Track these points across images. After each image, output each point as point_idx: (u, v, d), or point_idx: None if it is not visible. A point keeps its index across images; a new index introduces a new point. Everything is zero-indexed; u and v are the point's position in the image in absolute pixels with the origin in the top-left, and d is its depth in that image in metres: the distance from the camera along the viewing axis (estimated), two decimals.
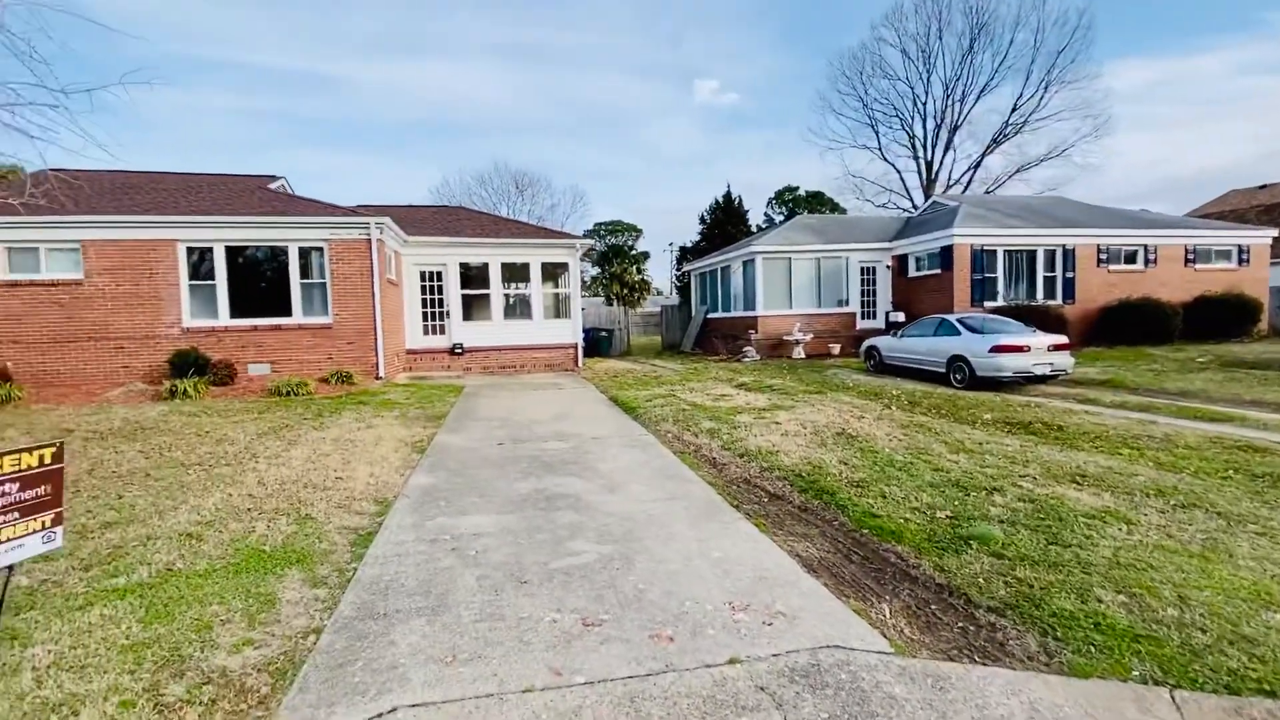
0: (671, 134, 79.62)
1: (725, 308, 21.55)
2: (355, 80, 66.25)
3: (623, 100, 73.72)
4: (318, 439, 7.28)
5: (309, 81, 66.29)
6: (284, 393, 10.67)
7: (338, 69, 65.92)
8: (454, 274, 16.18)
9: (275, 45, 62.44)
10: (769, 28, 68.95)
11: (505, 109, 70.68)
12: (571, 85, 71.03)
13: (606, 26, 66.59)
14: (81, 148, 7.98)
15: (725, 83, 77.88)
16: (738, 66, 73.66)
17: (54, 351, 11.91)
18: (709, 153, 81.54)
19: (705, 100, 77.98)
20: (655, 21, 68.06)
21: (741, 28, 68.75)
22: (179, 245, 12.35)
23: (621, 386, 12.06)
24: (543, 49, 66.58)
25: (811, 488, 5.17)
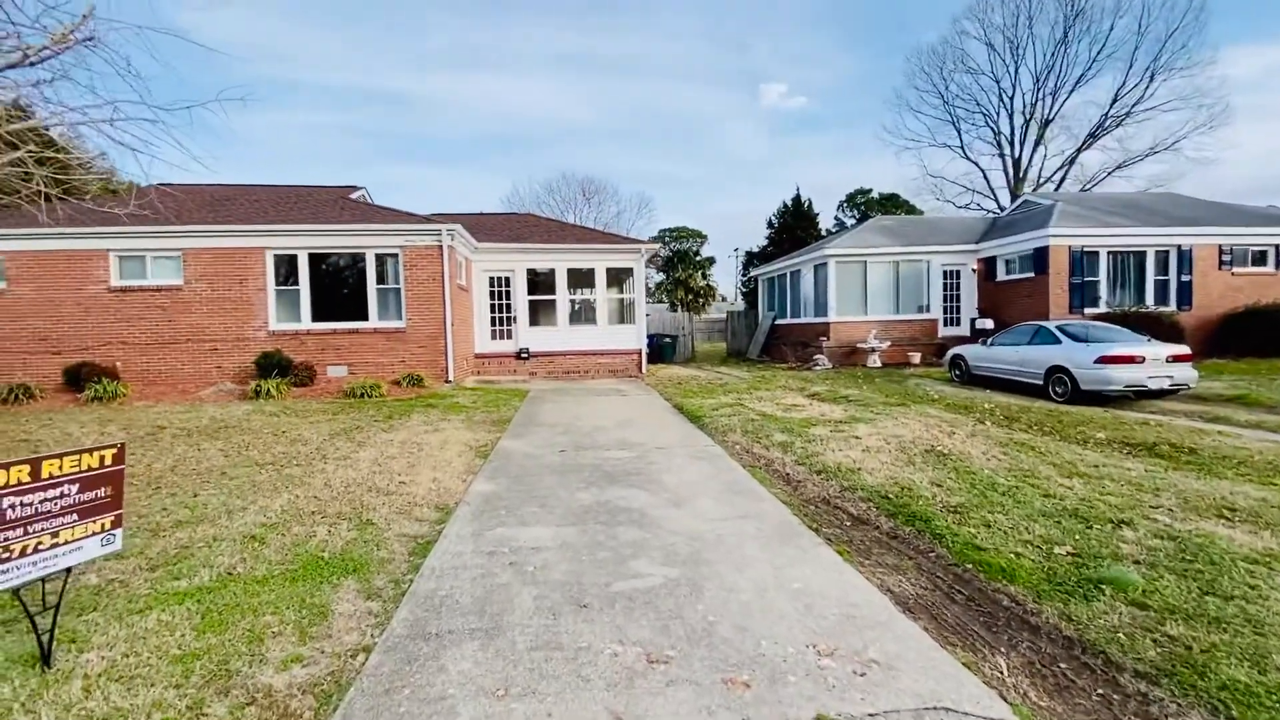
0: (738, 139, 78.57)
1: (794, 313, 20.79)
2: (431, 95, 69.32)
3: (689, 107, 73.44)
4: (385, 441, 7.33)
5: (388, 98, 69.93)
6: (358, 394, 10.97)
7: (414, 85, 69.19)
8: (521, 280, 16.33)
9: (358, 65, 66.32)
10: (838, 29, 67.03)
11: (573, 119, 71.94)
12: (638, 94, 71.49)
13: (673, 34, 66.69)
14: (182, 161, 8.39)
15: (793, 86, 76.08)
16: (806, 69, 71.91)
17: (156, 352, 12.79)
18: (776, 157, 79.93)
19: (772, 104, 76.47)
20: (721, 27, 67.56)
21: (809, 30, 67.13)
22: (267, 253, 13.02)
23: (686, 394, 11.71)
24: (610, 59, 67.42)
25: (901, 512, 4.65)
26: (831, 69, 70.69)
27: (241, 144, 64.09)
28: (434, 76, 67.61)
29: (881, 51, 67.36)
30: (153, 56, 7.90)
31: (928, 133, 50.67)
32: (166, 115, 7.91)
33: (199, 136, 33.69)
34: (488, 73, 67.03)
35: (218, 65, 61.38)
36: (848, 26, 66.96)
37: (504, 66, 66.67)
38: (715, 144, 78.45)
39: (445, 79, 67.73)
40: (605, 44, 65.42)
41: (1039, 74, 36.70)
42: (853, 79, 70.44)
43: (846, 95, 72.66)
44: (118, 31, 7.19)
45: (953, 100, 40.22)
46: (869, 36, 67.31)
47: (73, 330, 12.58)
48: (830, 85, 72.74)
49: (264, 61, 60.35)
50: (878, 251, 18.17)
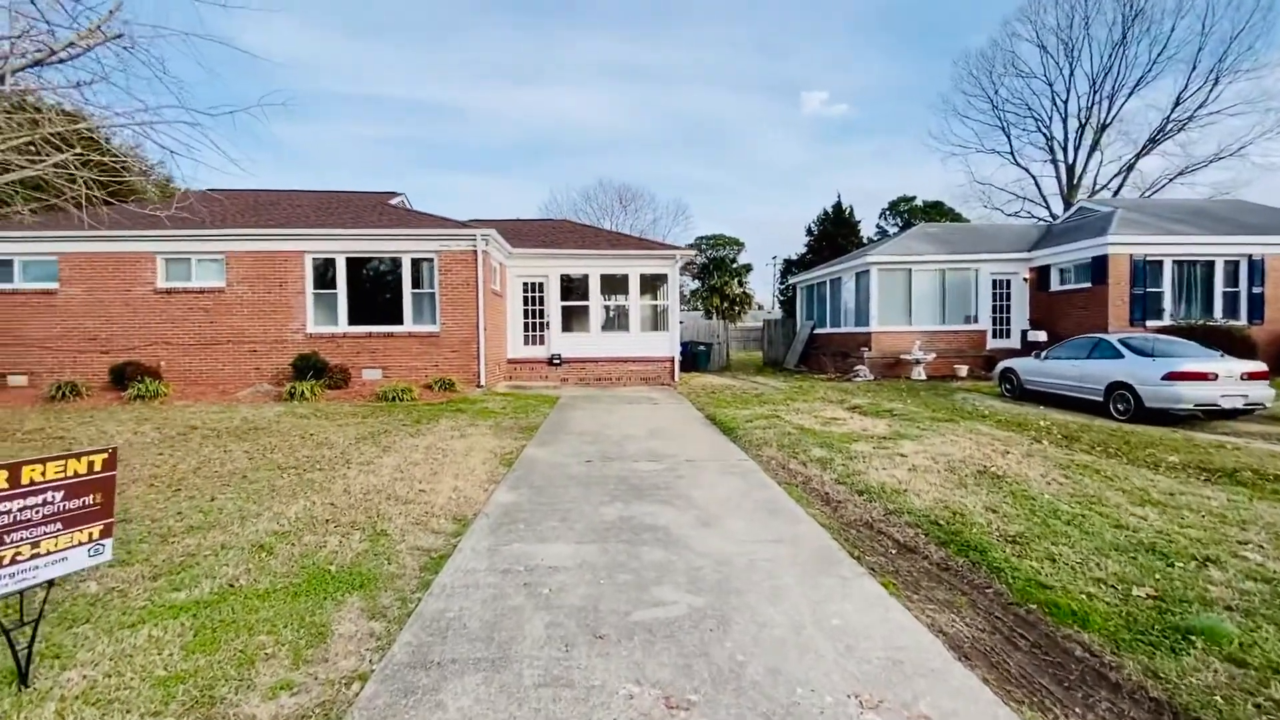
0: (777, 147, 77.74)
1: (834, 323, 20.18)
2: (472, 106, 70.65)
3: (728, 114, 73.01)
4: (411, 446, 7.21)
5: (430, 109, 71.58)
6: (389, 398, 10.96)
7: (456, 96, 70.69)
8: (555, 285, 16.24)
9: (402, 78, 68.15)
10: (881, 35, 65.80)
11: (611, 127, 72.32)
12: (677, 102, 71.42)
13: (714, 43, 66.46)
14: (222, 164, 8.52)
15: (834, 93, 74.99)
16: (848, 76, 70.74)
17: (198, 353, 13.09)
18: (816, 165, 78.78)
19: (813, 111, 75.46)
20: (763, 35, 67.01)
21: (852, 37, 66.06)
22: (306, 256, 13.22)
23: (719, 404, 11.35)
24: (649, 68, 67.57)
25: (953, 540, 4.22)
26: (874, 76, 69.46)
27: (289, 154, 66.55)
28: (476, 87, 68.96)
29: (925, 57, 65.89)
30: (199, 64, 8.03)
31: (975, 138, 49.31)
32: (209, 120, 8.08)
33: (248, 147, 34.97)
34: (529, 83, 68.00)
35: (266, 75, 64.14)
36: (891, 32, 65.73)
37: (546, 77, 67.57)
38: (754, 152, 77.87)
39: (487, 90, 69.01)
40: (647, 54, 65.64)
41: (1095, 77, 35.16)
42: (895, 85, 69.08)
43: (889, 102, 71.28)
44: (165, 39, 7.36)
45: (1002, 105, 38.89)
46: (913, 42, 65.94)
47: (120, 330, 12.98)
48: (872, 92, 71.52)
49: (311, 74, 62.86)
50: (923, 259, 17.48)
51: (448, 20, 62.77)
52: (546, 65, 66.72)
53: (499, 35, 64.53)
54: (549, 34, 64.92)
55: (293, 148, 66.99)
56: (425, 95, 70.23)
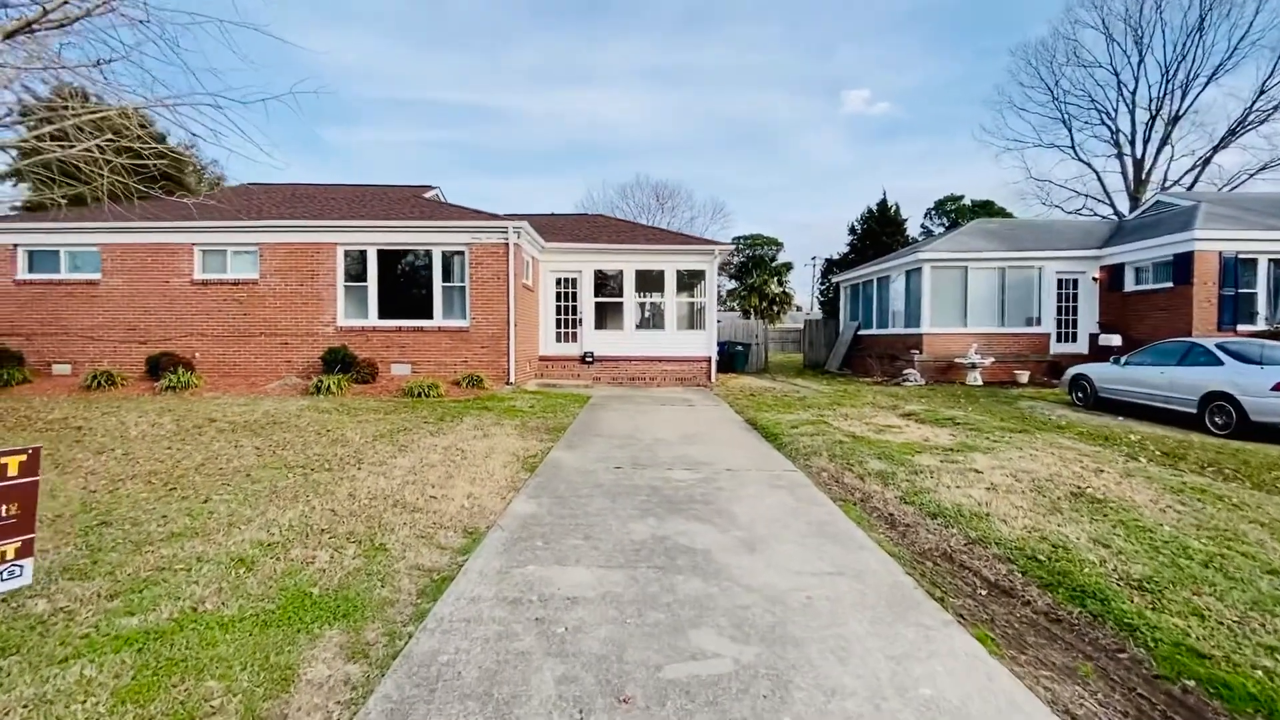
0: (817, 146, 75.83)
1: (881, 324, 19.12)
2: (512, 108, 70.96)
3: (767, 115, 71.59)
4: (430, 446, 6.73)
5: (470, 111, 72.26)
6: (415, 394, 10.59)
7: (496, 99, 71.14)
8: (588, 281, 15.72)
9: (445, 82, 69.13)
10: (924, 32, 63.48)
11: (649, 129, 71.72)
12: (716, 103, 70.40)
13: (755, 44, 65.25)
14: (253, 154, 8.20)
15: (876, 92, 72.83)
16: (890, 75, 68.55)
17: (232, 344, 13.01)
18: (856, 165, 76.73)
19: (855, 111, 73.49)
20: (803, 35, 65.45)
21: (895, 35, 63.90)
22: (337, 248, 13.01)
23: (760, 407, 10.60)
24: (688, 69, 66.80)
25: (1061, 582, 3.45)
26: (917, 74, 67.18)
27: (336, 158, 68.29)
28: (517, 90, 69.33)
29: (971, 54, 63.33)
30: (240, 56, 7.74)
31: (1033, 132, 47.02)
32: (242, 108, 7.80)
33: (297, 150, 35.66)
34: (569, 86, 68.02)
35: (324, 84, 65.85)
36: (935, 28, 63.36)
37: (584, 80, 67.51)
38: (794, 152, 76.19)
39: (528, 92, 69.31)
40: (685, 56, 64.89)
41: (1168, 66, 32.87)
42: (940, 84, 66.71)
43: (933, 101, 68.93)
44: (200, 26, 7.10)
45: (1063, 96, 36.79)
46: (958, 38, 63.45)
47: (158, 321, 13.00)
48: (916, 91, 69.23)
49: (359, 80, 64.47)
50: (981, 256, 16.31)
51: (489, 27, 63.42)
52: (586, 69, 66.68)
53: (540, 40, 64.81)
54: (589, 38, 64.84)
55: (343, 152, 68.77)
56: (465, 99, 71.14)
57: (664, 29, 63.29)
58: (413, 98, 71.28)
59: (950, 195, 50.11)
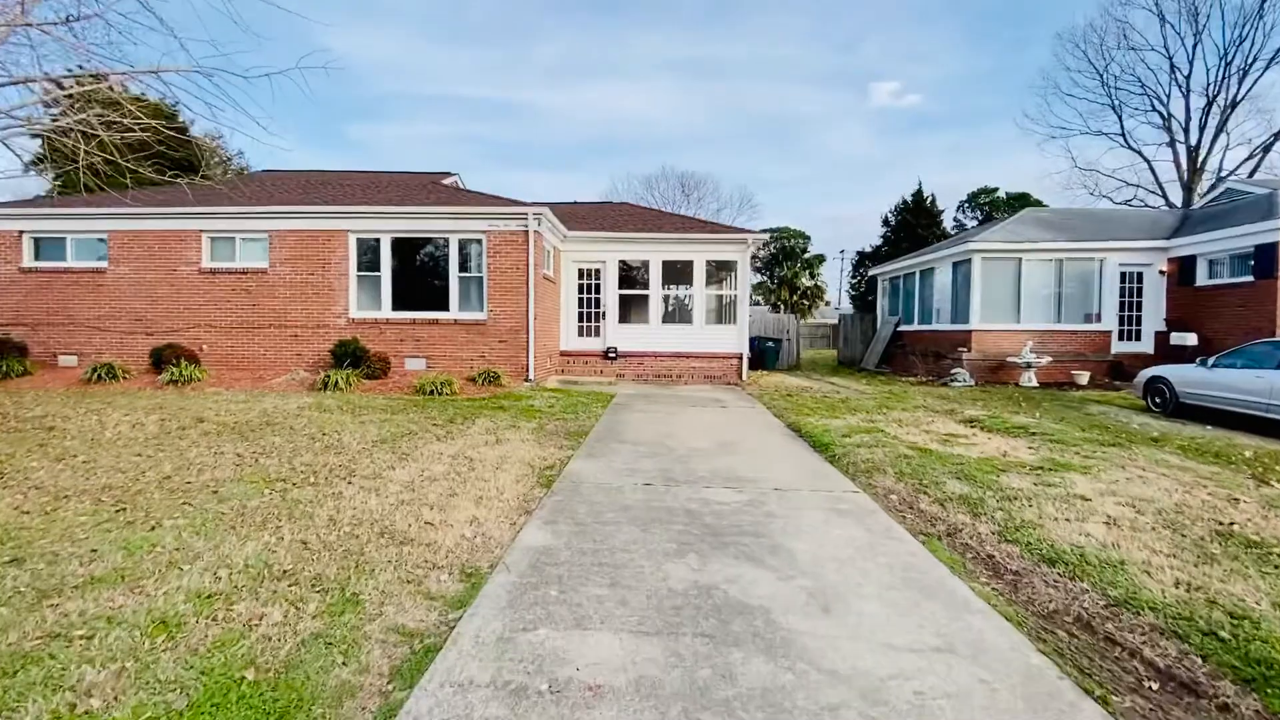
0: (844, 139, 74.01)
1: (923, 319, 17.93)
2: (537, 103, 70.32)
3: (793, 108, 69.94)
4: (434, 455, 5.96)
5: (494, 108, 71.79)
6: (428, 391, 9.86)
7: (521, 94, 70.57)
8: (612, 272, 14.87)
9: (468, 78, 68.85)
10: (955, 24, 61.22)
11: (674, 123, 70.60)
12: (741, 96, 69.01)
13: (782, 36, 63.60)
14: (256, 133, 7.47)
15: (905, 85, 70.95)
16: (919, 68, 66.54)
17: (241, 336, 12.45)
18: (885, 158, 74.86)
19: (883, 104, 71.70)
20: (831, 27, 63.58)
21: (924, 27, 61.74)
22: (349, 236, 12.35)
23: (800, 410, 9.66)
24: (713, 62, 65.42)
25: (1267, 676, 2.50)
26: (947, 67, 64.96)
27: (356, 150, 68.50)
28: (540, 85, 68.72)
29: (1003, 46, 61.01)
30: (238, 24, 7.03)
31: (1079, 119, 44.77)
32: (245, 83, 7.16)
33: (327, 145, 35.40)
34: (593, 80, 67.20)
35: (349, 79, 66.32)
36: (965, 21, 61.05)
37: (608, 75, 66.61)
38: (820, 145, 74.50)
39: (551, 87, 68.62)
40: (710, 49, 63.58)
41: (1225, 48, 30.77)
42: (970, 76, 64.51)
43: (963, 93, 66.76)
44: None
45: (1114, 82, 34.76)
46: (988, 31, 61.09)
47: (164, 312, 12.49)
48: (946, 84, 67.12)
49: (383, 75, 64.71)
50: (1036, 247, 15.04)
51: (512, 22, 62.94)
52: (610, 63, 65.77)
53: (563, 34, 64.05)
54: (612, 31, 63.90)
55: (366, 146, 68.96)
56: (488, 94, 70.80)
57: (688, 22, 62.10)
58: (436, 93, 71.19)
59: (983, 188, 48.31)
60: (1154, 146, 35.42)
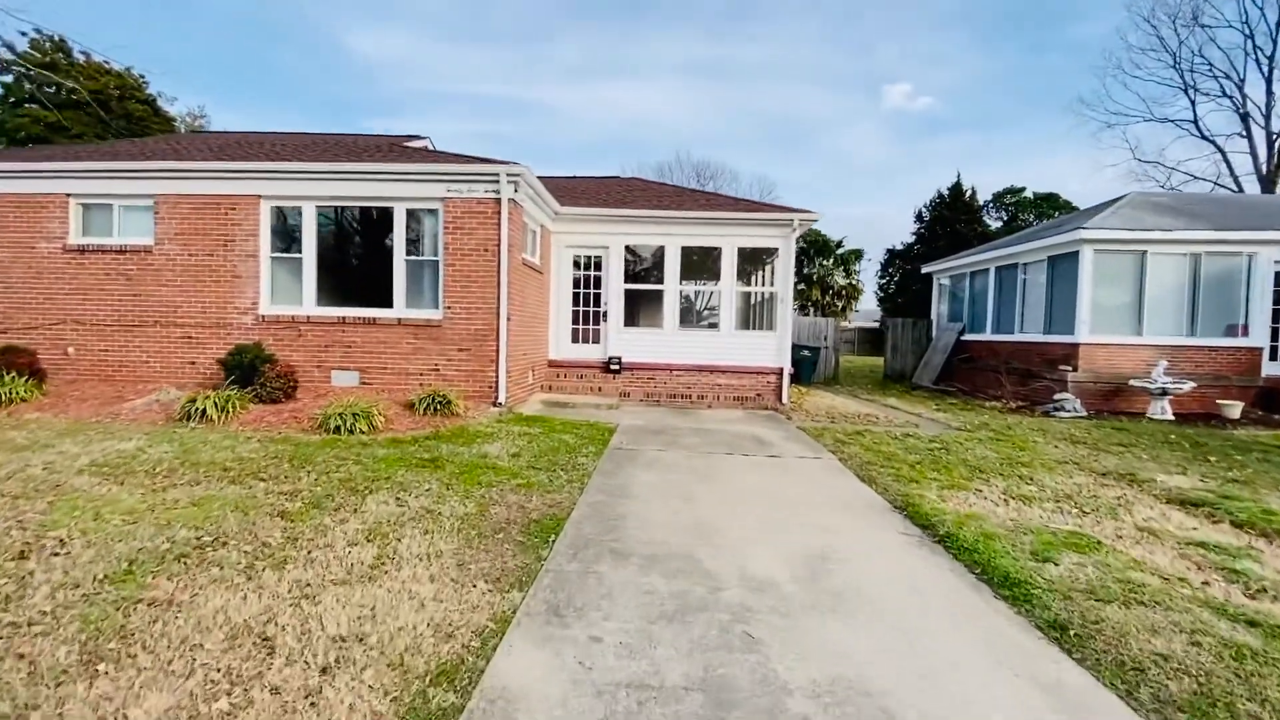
0: (860, 141, 71.62)
1: (1001, 327, 14.52)
2: (550, 103, 68.37)
3: (807, 109, 67.59)
4: (198, 626, 2.71)
5: (510, 106, 70.16)
6: (332, 428, 6.60)
7: (535, 94, 69.05)
8: (617, 260, 11.59)
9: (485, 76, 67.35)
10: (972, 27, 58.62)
11: (688, 124, 68.50)
12: (756, 97, 66.89)
13: (793, 39, 61.16)
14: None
15: (919, 86, 68.92)
16: (936, 69, 64.37)
17: (118, 336, 9.28)
18: (902, 160, 72.48)
19: (898, 105, 69.83)
20: (845, 31, 61.14)
21: (941, 29, 59.09)
22: (262, 204, 9.13)
23: (899, 469, 6.35)
24: (727, 64, 63.32)
25: None
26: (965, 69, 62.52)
27: None
28: (557, 84, 66.88)
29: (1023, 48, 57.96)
30: None
31: (1143, 105, 40.90)
32: None
33: None
34: (611, 79, 65.15)
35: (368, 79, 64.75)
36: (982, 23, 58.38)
37: (623, 76, 64.69)
38: (837, 147, 71.77)
39: (567, 86, 66.66)
40: (724, 51, 61.42)
41: None
42: (988, 78, 61.93)
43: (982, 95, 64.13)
44: None
45: (1188, 61, 31.05)
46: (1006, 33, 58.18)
47: (18, 304, 9.33)
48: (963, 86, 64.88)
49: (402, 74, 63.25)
50: (1169, 237, 11.61)
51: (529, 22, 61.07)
52: (626, 63, 63.70)
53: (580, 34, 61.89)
54: (629, 32, 61.69)
55: None
56: (504, 93, 69.08)
57: (706, 22, 59.72)
58: (452, 91, 69.65)
59: (1009, 187, 44.97)
60: (1222, 137, 31.59)
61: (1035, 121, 69.95)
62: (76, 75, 28.18)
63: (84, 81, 28.19)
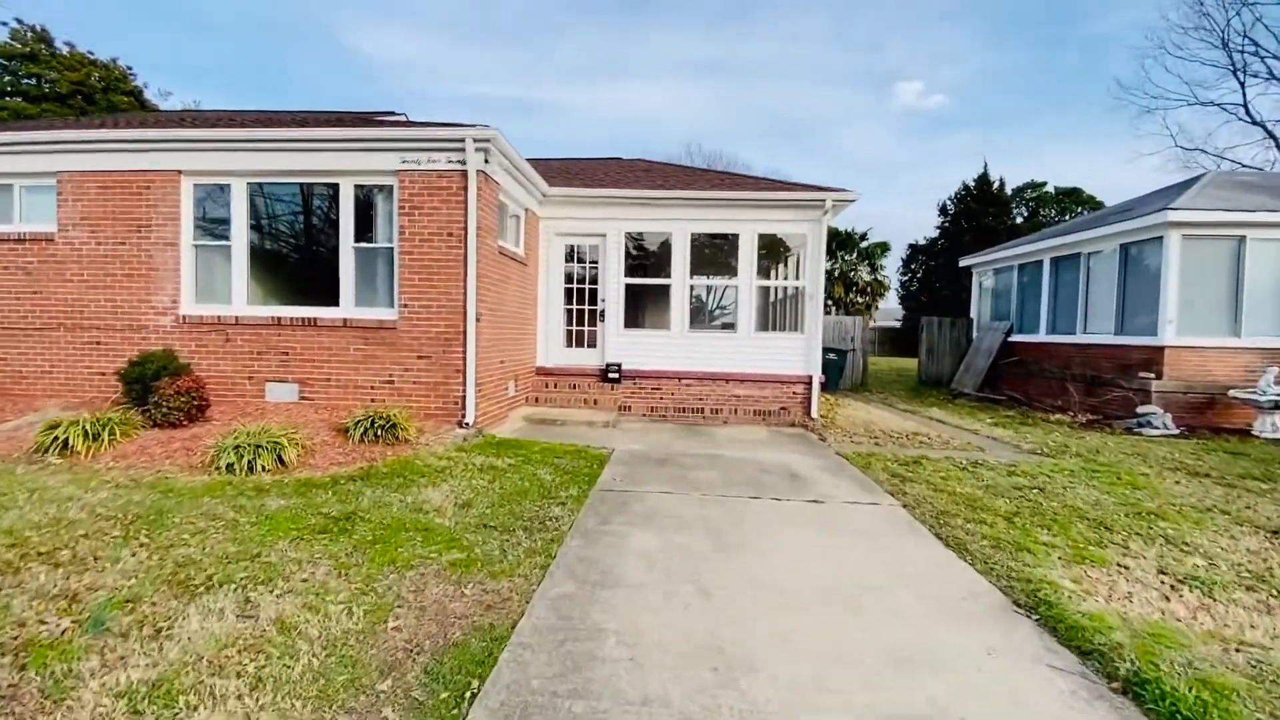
0: (870, 138, 70.57)
1: (1060, 327, 12.65)
2: (554, 102, 67.92)
3: (816, 108, 66.63)
4: None
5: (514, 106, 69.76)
6: (224, 466, 4.95)
7: (538, 94, 68.83)
8: (616, 250, 9.90)
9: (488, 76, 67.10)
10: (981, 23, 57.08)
11: (695, 122, 67.54)
12: (761, 94, 66.03)
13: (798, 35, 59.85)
14: None
15: (930, 84, 68.35)
16: (944, 67, 63.49)
17: (12, 341, 7.73)
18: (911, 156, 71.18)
19: (908, 103, 69.44)
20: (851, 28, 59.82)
21: (948, 25, 57.51)
22: (184, 181, 7.54)
23: (977, 512, 4.64)
24: (733, 63, 62.33)
25: None
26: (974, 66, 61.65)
27: None
28: (560, 84, 66.43)
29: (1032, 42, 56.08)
30: None
31: (1185, 89, 38.57)
32: None
33: None
34: (616, 78, 64.45)
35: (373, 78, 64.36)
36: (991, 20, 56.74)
37: (628, 74, 64.14)
38: (846, 145, 70.54)
39: (571, 86, 66.18)
40: (731, 49, 60.52)
41: None
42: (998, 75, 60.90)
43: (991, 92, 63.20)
44: None
45: (1238, 42, 28.78)
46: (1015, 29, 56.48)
47: None
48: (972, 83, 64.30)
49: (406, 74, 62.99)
50: (1273, 220, 9.74)
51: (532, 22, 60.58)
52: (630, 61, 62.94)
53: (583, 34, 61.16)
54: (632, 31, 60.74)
55: None
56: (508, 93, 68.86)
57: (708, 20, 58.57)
58: (456, 92, 69.62)
59: (1030, 182, 42.99)
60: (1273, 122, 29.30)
61: (1054, 117, 68.19)
62: (58, 66, 26.95)
63: (65, 73, 26.98)
